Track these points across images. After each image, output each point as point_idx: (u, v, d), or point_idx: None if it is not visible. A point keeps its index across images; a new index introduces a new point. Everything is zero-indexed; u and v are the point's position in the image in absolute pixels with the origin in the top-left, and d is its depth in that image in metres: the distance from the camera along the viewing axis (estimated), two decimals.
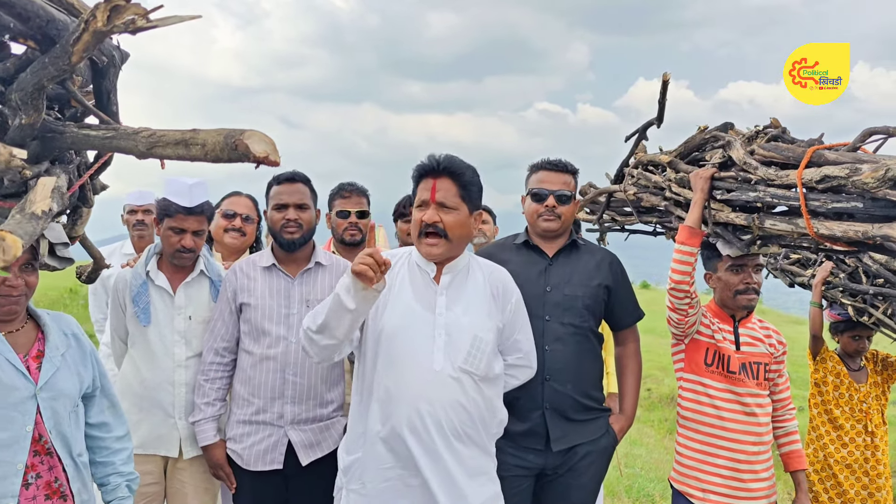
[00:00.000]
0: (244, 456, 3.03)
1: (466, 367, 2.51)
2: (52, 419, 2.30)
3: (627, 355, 3.29)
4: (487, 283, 2.69)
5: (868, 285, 4.00)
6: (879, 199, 2.16)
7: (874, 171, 2.07)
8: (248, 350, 3.07)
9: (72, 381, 2.40)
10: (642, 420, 8.71)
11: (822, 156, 2.37)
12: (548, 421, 2.97)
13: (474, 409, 2.52)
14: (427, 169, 2.56)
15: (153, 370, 3.12)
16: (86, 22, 1.43)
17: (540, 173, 3.19)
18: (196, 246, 3.14)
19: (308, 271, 3.16)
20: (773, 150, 2.61)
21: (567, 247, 3.18)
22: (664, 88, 3.23)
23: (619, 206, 3.80)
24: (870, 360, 4.49)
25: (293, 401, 3.03)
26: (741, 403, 3.14)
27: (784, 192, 2.58)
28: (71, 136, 1.76)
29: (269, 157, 1.56)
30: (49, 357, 2.34)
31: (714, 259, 3.25)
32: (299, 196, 3.18)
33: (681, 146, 3.32)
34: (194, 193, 3.07)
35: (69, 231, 2.71)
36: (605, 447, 3.10)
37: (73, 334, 2.50)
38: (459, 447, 2.50)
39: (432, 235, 2.54)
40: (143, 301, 3.11)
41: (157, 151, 1.64)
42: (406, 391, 2.46)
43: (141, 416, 3.11)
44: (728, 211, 2.94)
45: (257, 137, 1.56)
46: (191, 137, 1.61)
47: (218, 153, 1.58)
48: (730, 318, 3.28)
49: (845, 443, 4.32)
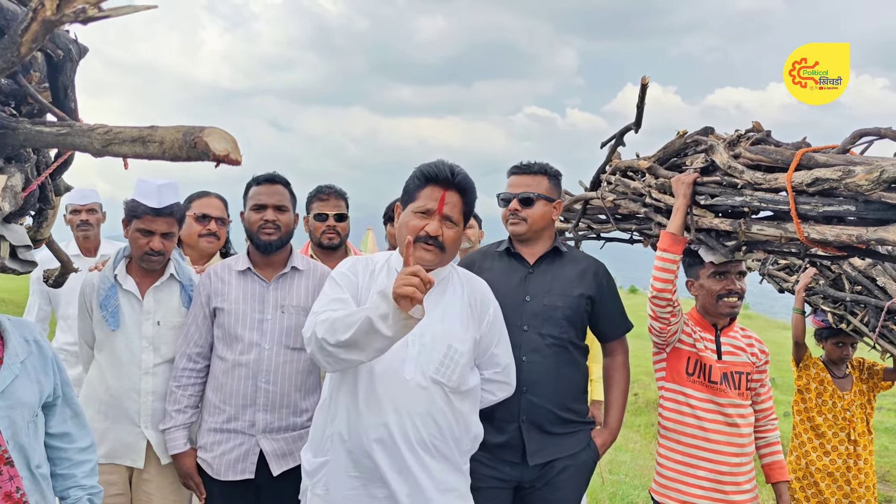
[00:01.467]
0: (214, 465, 2.95)
1: (438, 378, 2.42)
2: (9, 429, 2.20)
3: (615, 367, 3.18)
4: (466, 293, 2.62)
5: (846, 293, 3.95)
6: (873, 202, 2.10)
7: (868, 172, 2.01)
8: (221, 356, 3.00)
9: (31, 389, 2.30)
10: (628, 425, 8.68)
11: (812, 158, 2.32)
12: (524, 434, 2.89)
13: (444, 422, 2.43)
14: (440, 178, 2.45)
15: (119, 377, 3.03)
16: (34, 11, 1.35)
17: (511, 178, 3.14)
18: (165, 248, 3.05)
19: (284, 276, 3.09)
20: (761, 153, 2.55)
21: (549, 254, 3.09)
22: (643, 92, 3.18)
23: (596, 213, 3.73)
24: (856, 367, 4.46)
25: (265, 409, 2.96)
26: (723, 414, 3.09)
27: (772, 196, 2.52)
28: (24, 132, 1.67)
29: (230, 156, 1.48)
30: (7, 364, 2.24)
31: (696, 266, 3.20)
32: (278, 197, 3.11)
33: (660, 151, 3.27)
34: (163, 194, 2.99)
35: (34, 234, 2.62)
36: (585, 462, 3.00)
37: (35, 340, 2.39)
38: (428, 461, 2.40)
39: (430, 246, 2.45)
40: (111, 305, 3.02)
41: (113, 149, 1.55)
42: (374, 399, 2.37)
43: (106, 425, 3.02)
44: (711, 216, 2.89)
45: (217, 135, 1.48)
46: (148, 134, 1.52)
47: (176, 151, 1.49)
48: (712, 326, 3.23)
49: (827, 451, 4.29)
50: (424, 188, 2.46)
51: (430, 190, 2.45)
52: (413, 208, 2.46)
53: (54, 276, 3.07)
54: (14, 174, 1.79)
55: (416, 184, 2.48)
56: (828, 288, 4.12)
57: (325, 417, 2.51)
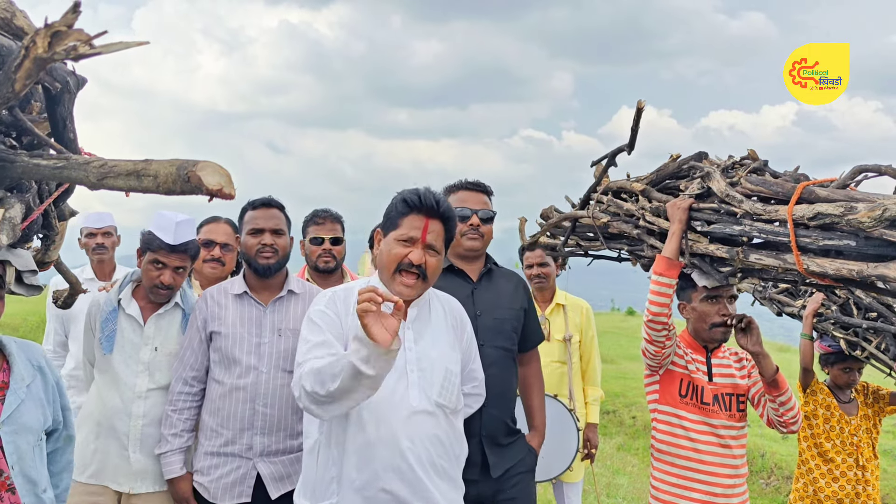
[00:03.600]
0: (211, 489, 2.94)
1: (441, 401, 2.42)
2: (14, 454, 2.19)
3: (533, 374, 3.33)
4: (447, 314, 2.62)
5: (861, 318, 3.90)
6: (874, 238, 2.11)
7: (871, 210, 2.03)
8: (218, 379, 2.99)
9: (36, 414, 2.29)
10: (626, 448, 8.58)
11: (814, 192, 2.33)
12: (486, 448, 2.93)
13: (448, 441, 2.44)
14: (424, 207, 2.42)
15: (113, 399, 3.05)
16: (26, 48, 1.35)
17: (460, 193, 3.18)
18: (175, 283, 3.09)
19: (280, 299, 3.09)
20: (762, 184, 2.56)
21: (487, 271, 3.20)
22: (638, 116, 3.17)
23: (584, 231, 3.71)
24: (860, 392, 4.40)
25: (263, 432, 2.95)
26: (716, 435, 3.08)
27: (772, 227, 2.52)
28: (21, 165, 1.68)
29: (224, 190, 1.47)
30: (13, 389, 2.23)
31: (688, 289, 3.19)
32: (275, 221, 3.13)
33: (652, 174, 3.27)
34: (179, 231, 3.02)
35: (42, 256, 2.62)
36: (531, 466, 3.13)
37: (39, 366, 2.39)
38: (438, 482, 2.39)
39: (412, 275, 2.41)
40: (108, 328, 3.05)
41: (108, 182, 1.55)
42: (386, 432, 2.32)
43: (97, 445, 3.03)
44: (706, 242, 2.88)
45: (211, 169, 1.47)
46: (142, 168, 1.52)
47: (170, 185, 1.49)
48: (702, 348, 3.23)
49: (836, 476, 4.22)
50: (407, 216, 2.42)
51: (413, 218, 2.41)
52: (396, 236, 2.42)
53: (63, 297, 3.08)
54: (13, 205, 1.79)
55: (399, 211, 2.43)
56: (840, 314, 4.07)
57: (323, 461, 2.40)
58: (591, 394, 4.64)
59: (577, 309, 4.68)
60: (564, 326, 4.60)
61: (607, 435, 9.04)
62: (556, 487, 4.58)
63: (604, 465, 7.67)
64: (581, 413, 4.51)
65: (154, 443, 3.01)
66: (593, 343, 4.68)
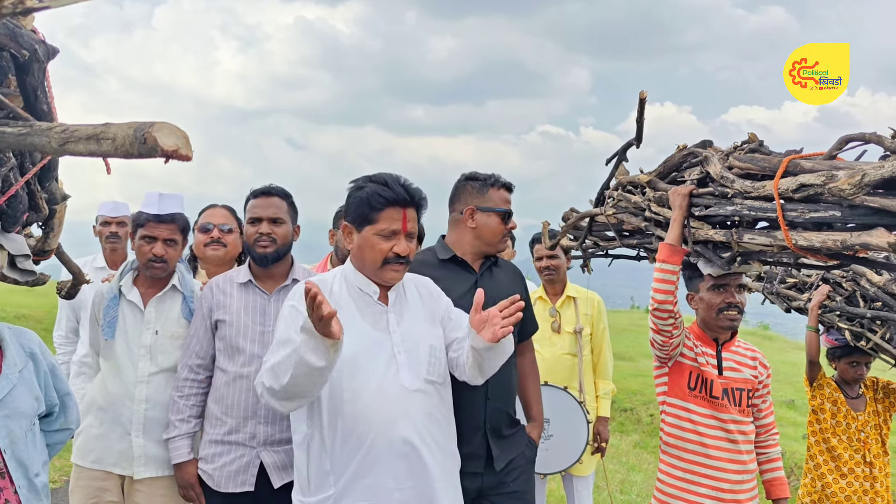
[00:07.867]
0: (215, 477, 2.83)
1: (431, 378, 2.39)
2: (6, 438, 2.12)
3: (530, 363, 3.21)
4: (419, 293, 2.59)
5: (866, 309, 3.75)
6: (858, 207, 1.97)
7: (850, 176, 1.88)
8: (223, 368, 2.89)
9: (29, 398, 2.23)
10: (642, 445, 8.27)
11: (799, 165, 2.18)
12: (490, 441, 2.80)
13: (442, 417, 2.42)
14: (399, 200, 2.37)
15: (117, 384, 2.96)
16: None
17: (501, 191, 3.02)
18: (168, 255, 2.99)
19: (285, 288, 2.97)
20: (750, 161, 2.41)
21: (488, 260, 3.07)
22: (641, 108, 3.04)
23: (602, 230, 3.59)
24: (869, 387, 4.19)
25: (266, 421, 2.84)
26: (724, 430, 2.91)
27: (762, 205, 2.38)
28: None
29: (180, 151, 1.38)
30: (6, 374, 2.17)
31: (696, 279, 3.03)
32: (273, 210, 3.01)
33: (660, 166, 3.12)
34: (164, 202, 3.00)
35: (42, 245, 2.55)
36: (531, 457, 2.99)
37: (31, 352, 2.34)
38: (440, 459, 2.37)
39: (399, 264, 2.41)
40: (109, 315, 2.97)
41: (69, 147, 1.47)
42: (382, 416, 2.25)
43: (101, 431, 2.95)
44: (707, 228, 2.73)
45: (167, 130, 1.38)
46: (102, 132, 1.44)
47: (128, 148, 1.40)
48: (713, 341, 3.05)
49: (844, 473, 4.02)
50: (383, 210, 2.36)
51: (390, 212, 2.37)
52: (376, 231, 2.37)
53: (66, 287, 3.03)
54: None
55: (373, 207, 2.36)
56: (845, 305, 3.92)
57: (316, 454, 2.32)
58: (602, 387, 4.45)
59: (588, 301, 4.49)
60: (575, 319, 4.42)
61: (624, 432, 8.78)
62: (566, 480, 4.39)
63: (619, 461, 7.41)
64: (591, 406, 4.34)
65: (157, 427, 2.91)
66: (604, 336, 4.49)
